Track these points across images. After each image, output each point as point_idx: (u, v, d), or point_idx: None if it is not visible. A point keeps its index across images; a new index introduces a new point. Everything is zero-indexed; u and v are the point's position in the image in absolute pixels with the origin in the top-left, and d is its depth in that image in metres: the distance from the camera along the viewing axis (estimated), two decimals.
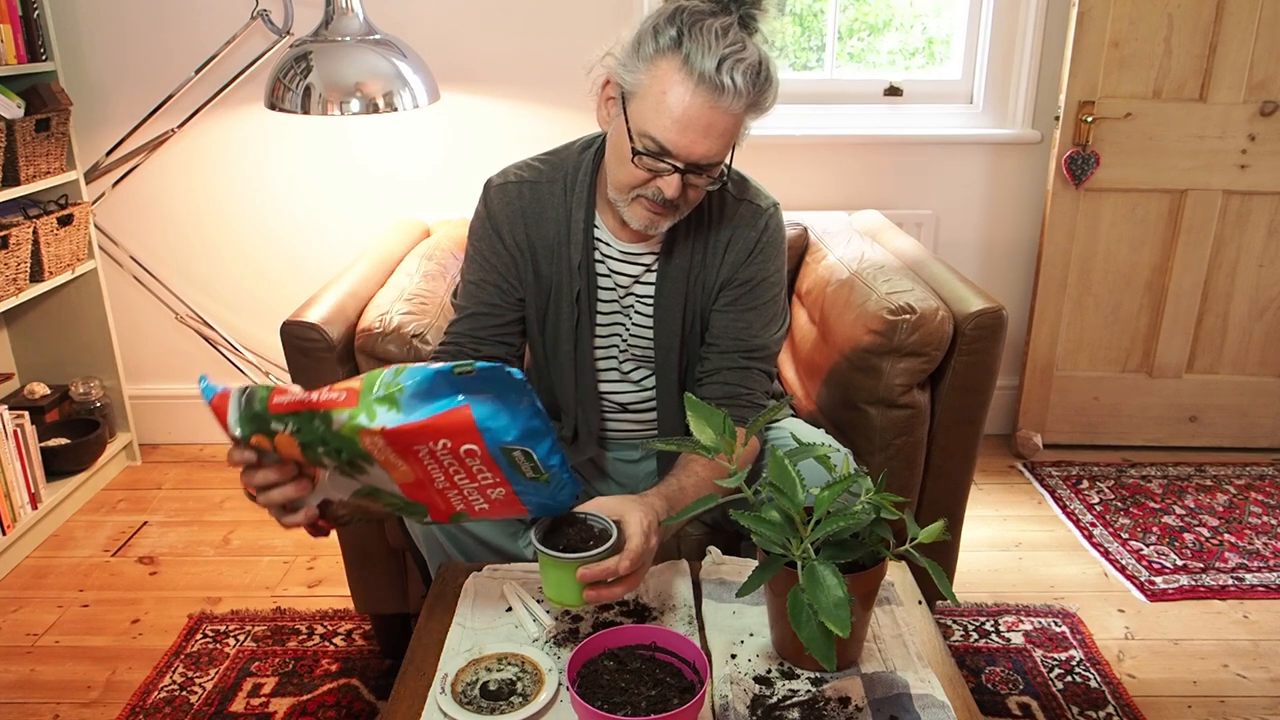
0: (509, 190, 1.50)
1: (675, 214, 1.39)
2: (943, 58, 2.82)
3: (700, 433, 1.14)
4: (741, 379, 1.49)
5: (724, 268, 1.49)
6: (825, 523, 1.06)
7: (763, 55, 1.29)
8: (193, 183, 2.73)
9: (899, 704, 1.09)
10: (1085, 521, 2.46)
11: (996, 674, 1.90)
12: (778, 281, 1.52)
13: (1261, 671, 1.93)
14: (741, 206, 1.49)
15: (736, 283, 1.49)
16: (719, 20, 1.26)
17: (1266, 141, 2.60)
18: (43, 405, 2.60)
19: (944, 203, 2.80)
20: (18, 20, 2.38)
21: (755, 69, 1.27)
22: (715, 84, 1.25)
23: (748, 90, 1.27)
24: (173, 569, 2.31)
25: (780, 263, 1.53)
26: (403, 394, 1.03)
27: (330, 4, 2.25)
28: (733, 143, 1.33)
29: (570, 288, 1.48)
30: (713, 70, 1.24)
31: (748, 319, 1.49)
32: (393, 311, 1.75)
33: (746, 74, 1.26)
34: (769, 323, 1.51)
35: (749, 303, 1.49)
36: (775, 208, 1.52)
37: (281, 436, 1.07)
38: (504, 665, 1.17)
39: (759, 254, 1.49)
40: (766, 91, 1.30)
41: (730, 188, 1.49)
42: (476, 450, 1.06)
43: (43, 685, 1.92)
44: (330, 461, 1.09)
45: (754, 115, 1.33)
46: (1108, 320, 2.79)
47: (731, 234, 1.48)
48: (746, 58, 1.26)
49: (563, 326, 1.50)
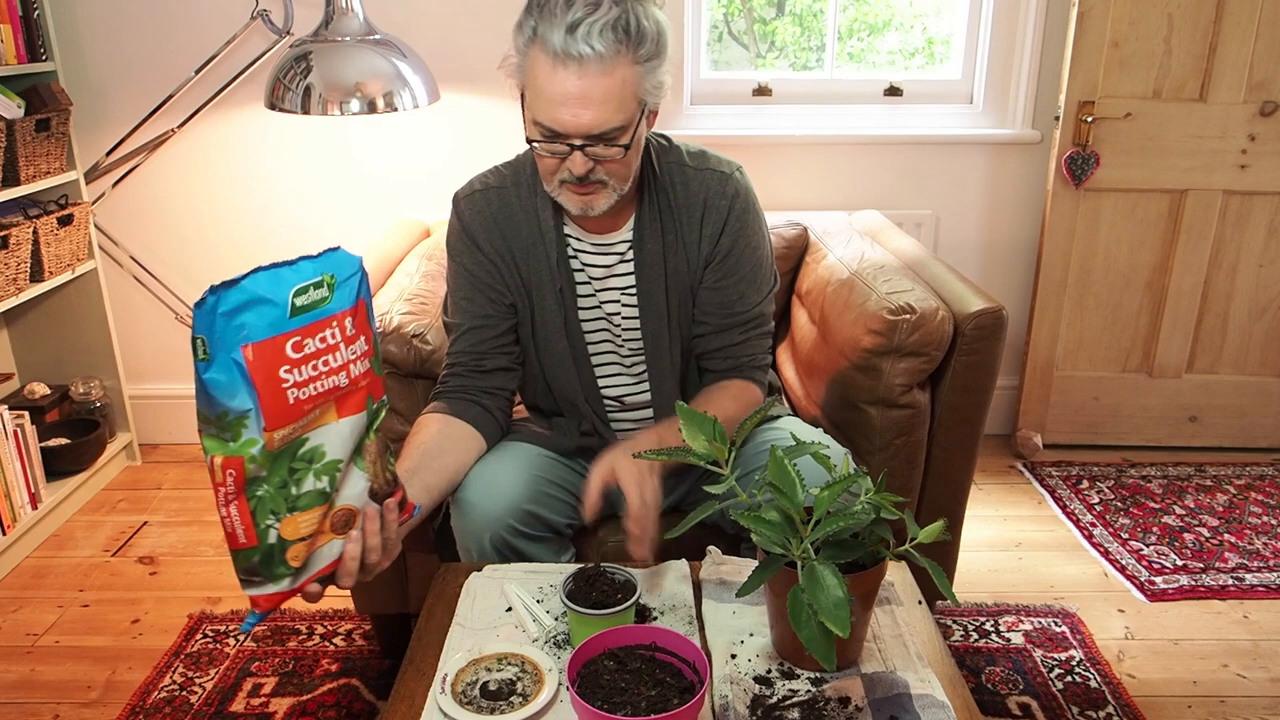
0: (477, 200, 1.51)
1: (606, 190, 1.37)
2: (943, 58, 2.82)
3: (693, 440, 1.14)
4: (742, 348, 1.52)
5: (704, 242, 1.48)
6: (825, 523, 1.06)
7: (627, 9, 1.27)
8: (193, 183, 2.73)
9: (899, 704, 1.09)
10: (1085, 521, 2.46)
11: (996, 674, 1.90)
12: (758, 244, 1.52)
13: (1261, 671, 1.93)
14: (705, 175, 1.49)
15: (720, 255, 1.49)
16: None
17: (1266, 141, 2.60)
18: (43, 405, 2.60)
19: (944, 203, 2.80)
20: (18, 20, 2.38)
21: (615, 24, 1.25)
22: (574, 54, 1.25)
23: (612, 49, 1.26)
24: (173, 569, 2.31)
25: (756, 223, 1.52)
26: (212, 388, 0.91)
27: (330, 4, 2.25)
28: (630, 102, 1.30)
29: (553, 285, 1.49)
30: (565, 42, 1.25)
31: (738, 289, 1.50)
32: (393, 311, 1.75)
33: (604, 33, 1.25)
34: (758, 286, 1.52)
35: (734, 270, 1.50)
36: (739, 170, 1.52)
37: (290, 525, 0.98)
38: (504, 665, 1.17)
39: (734, 220, 1.49)
40: (642, 42, 1.28)
41: (688, 159, 1.50)
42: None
43: (43, 685, 1.92)
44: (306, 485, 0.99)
45: (647, 67, 1.31)
46: (1108, 320, 2.79)
47: (703, 207, 1.48)
48: (600, 17, 1.25)
49: (551, 325, 1.51)
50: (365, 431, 1.04)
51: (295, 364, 0.94)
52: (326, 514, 1.02)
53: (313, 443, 0.98)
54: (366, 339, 1.01)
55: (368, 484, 1.06)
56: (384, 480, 1.07)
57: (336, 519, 1.03)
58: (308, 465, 0.98)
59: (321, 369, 0.96)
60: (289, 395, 0.94)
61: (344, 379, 0.98)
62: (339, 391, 0.98)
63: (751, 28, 2.86)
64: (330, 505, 1.02)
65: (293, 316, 0.93)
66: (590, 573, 1.24)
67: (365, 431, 1.04)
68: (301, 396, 0.94)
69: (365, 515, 1.06)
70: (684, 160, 1.50)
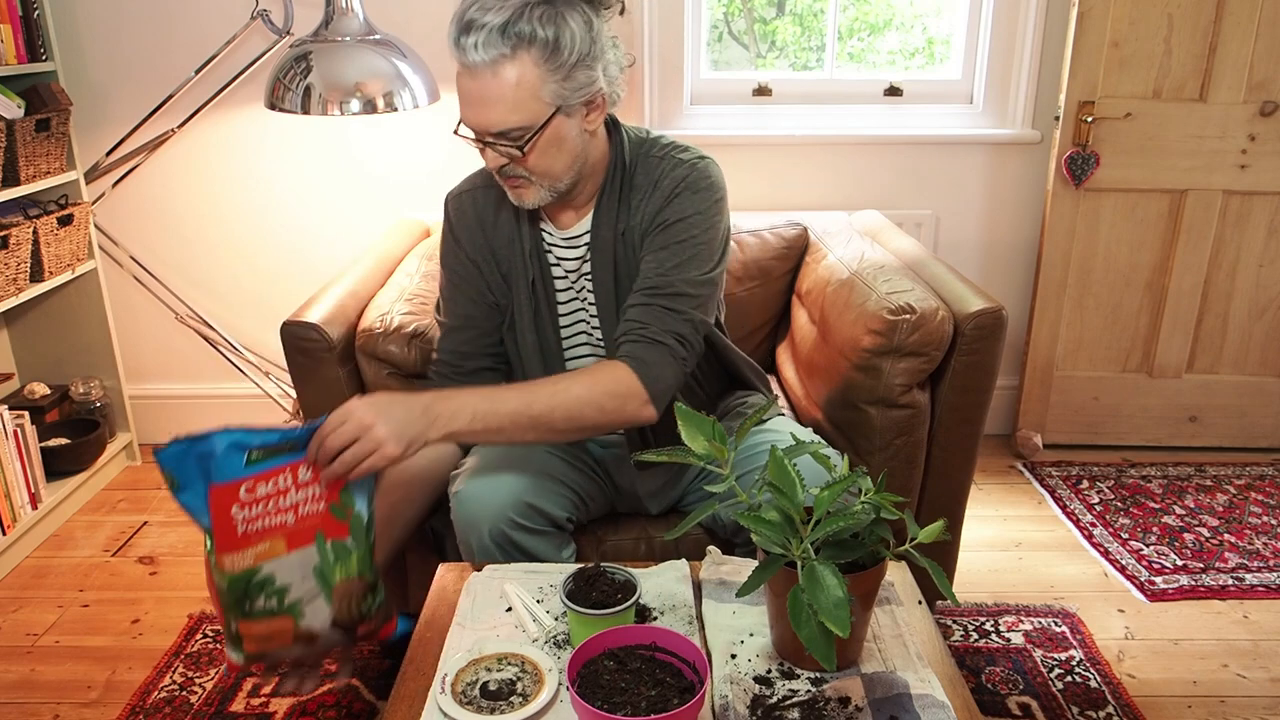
0: (463, 200, 1.56)
1: (530, 185, 1.40)
2: (943, 58, 2.82)
3: (692, 441, 1.14)
4: (640, 314, 1.41)
5: (644, 218, 1.47)
6: (825, 523, 1.06)
7: (525, 14, 1.27)
8: (193, 183, 2.73)
9: (899, 704, 1.09)
10: (1085, 521, 2.46)
11: (996, 674, 1.90)
12: (700, 225, 1.44)
13: (1261, 671, 1.93)
14: (665, 162, 1.48)
15: (659, 225, 1.46)
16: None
17: (1266, 141, 2.60)
18: (43, 405, 2.60)
19: (944, 203, 2.80)
20: (18, 20, 2.38)
21: (504, 28, 1.27)
22: (469, 60, 1.29)
23: (496, 54, 1.28)
24: (173, 569, 2.31)
25: (707, 209, 1.45)
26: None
27: (330, 4, 2.25)
28: (530, 103, 1.31)
29: (525, 279, 1.51)
30: (460, 44, 1.29)
31: (659, 257, 1.44)
32: (393, 311, 1.75)
33: (490, 37, 1.27)
34: (683, 263, 1.43)
35: (662, 241, 1.44)
36: (705, 160, 1.48)
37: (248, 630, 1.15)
38: (504, 665, 1.17)
39: (676, 196, 1.45)
40: (540, 45, 1.29)
41: (656, 150, 1.50)
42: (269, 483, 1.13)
43: (43, 685, 1.92)
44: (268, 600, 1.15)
45: (551, 69, 1.31)
46: (1108, 320, 2.79)
47: (653, 188, 1.47)
48: (490, 21, 1.27)
49: (524, 318, 1.53)
50: (326, 562, 1.17)
51: (246, 504, 1.11)
52: (293, 627, 1.16)
53: (264, 573, 1.13)
54: (329, 489, 1.17)
55: (331, 614, 1.19)
56: (351, 616, 1.20)
57: (299, 634, 1.18)
58: (259, 589, 1.14)
59: (270, 509, 1.12)
60: (238, 529, 1.11)
61: (291, 518, 1.14)
62: (286, 529, 1.14)
63: (751, 28, 2.86)
64: (295, 619, 1.16)
65: (248, 465, 1.10)
66: (590, 573, 1.24)
67: (326, 562, 1.17)
68: (250, 530, 1.11)
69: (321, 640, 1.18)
70: (652, 150, 1.50)
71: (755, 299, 2.22)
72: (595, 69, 1.35)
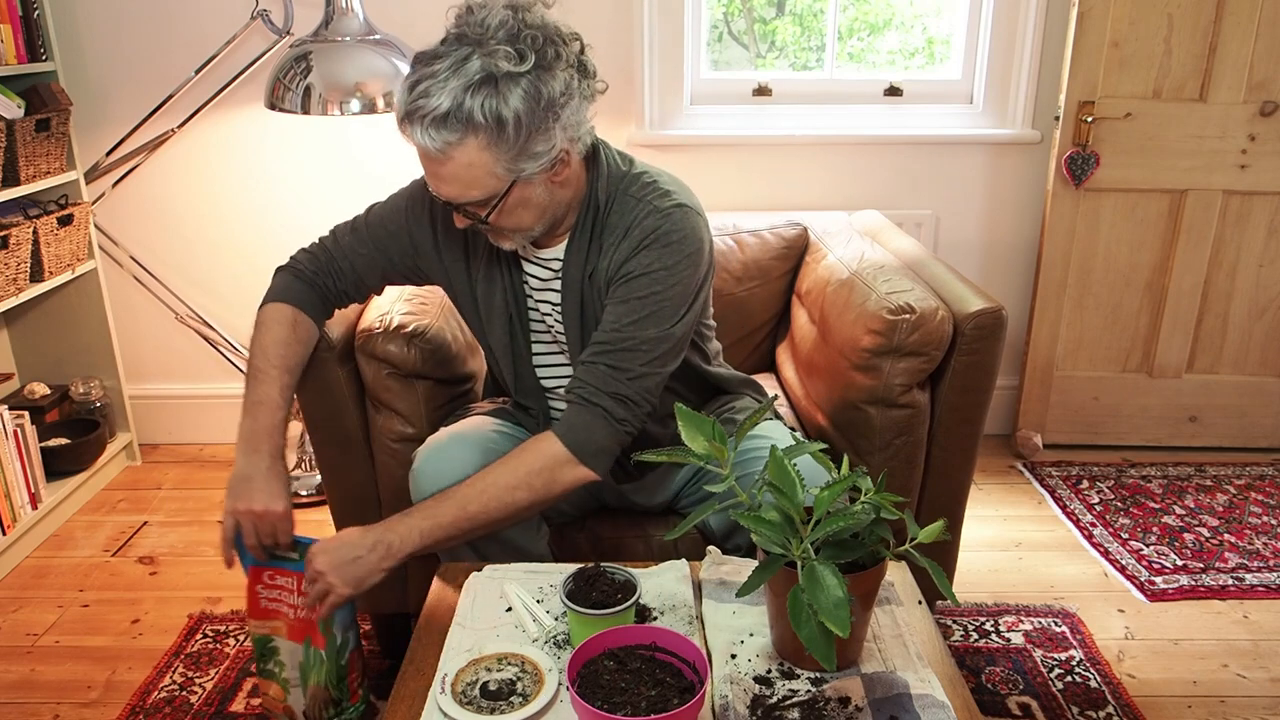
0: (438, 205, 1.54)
1: (506, 236, 1.42)
2: (943, 58, 2.82)
3: (692, 441, 1.14)
4: (584, 373, 1.39)
5: (613, 264, 1.43)
6: (825, 523, 1.06)
7: (465, 95, 1.24)
8: (193, 183, 2.73)
9: (899, 704, 1.09)
10: (1085, 521, 2.46)
11: (996, 674, 1.90)
12: (665, 280, 1.39)
13: (1261, 671, 1.93)
14: (641, 206, 1.42)
15: (621, 277, 1.41)
16: (427, 64, 1.28)
17: (1266, 141, 2.60)
18: (43, 405, 2.60)
19: (944, 203, 2.80)
20: (18, 20, 2.38)
21: (446, 117, 1.25)
22: (417, 143, 1.30)
23: (442, 140, 1.26)
24: (173, 569, 2.31)
25: (675, 264, 1.39)
26: None
27: (330, 4, 2.25)
28: (485, 180, 1.31)
29: (503, 281, 1.52)
30: (402, 129, 1.30)
31: (618, 311, 1.39)
32: (393, 311, 1.75)
33: (431, 126, 1.26)
34: (641, 320, 1.38)
35: (624, 294, 1.39)
36: (681, 210, 1.41)
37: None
38: (504, 665, 1.17)
39: (644, 248, 1.39)
40: (484, 129, 1.26)
41: (635, 188, 1.44)
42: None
43: (43, 685, 1.92)
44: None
45: (500, 148, 1.28)
46: (1108, 320, 2.79)
47: (624, 233, 1.42)
48: (429, 110, 1.25)
49: (496, 316, 1.54)
50: (307, 663, 1.44)
51: (267, 585, 1.45)
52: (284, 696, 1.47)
53: (273, 643, 1.46)
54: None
55: (304, 707, 1.47)
56: (316, 716, 1.48)
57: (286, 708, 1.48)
58: (271, 654, 1.47)
59: (277, 599, 1.44)
60: (260, 602, 1.45)
61: (292, 614, 1.43)
62: (288, 620, 1.44)
63: (751, 28, 2.86)
64: (285, 691, 1.47)
65: (271, 559, 1.43)
66: (590, 573, 1.24)
67: (307, 663, 1.44)
68: (267, 607, 1.45)
69: None
70: (631, 188, 1.44)
71: (755, 299, 2.22)
72: (552, 133, 1.29)
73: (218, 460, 2.85)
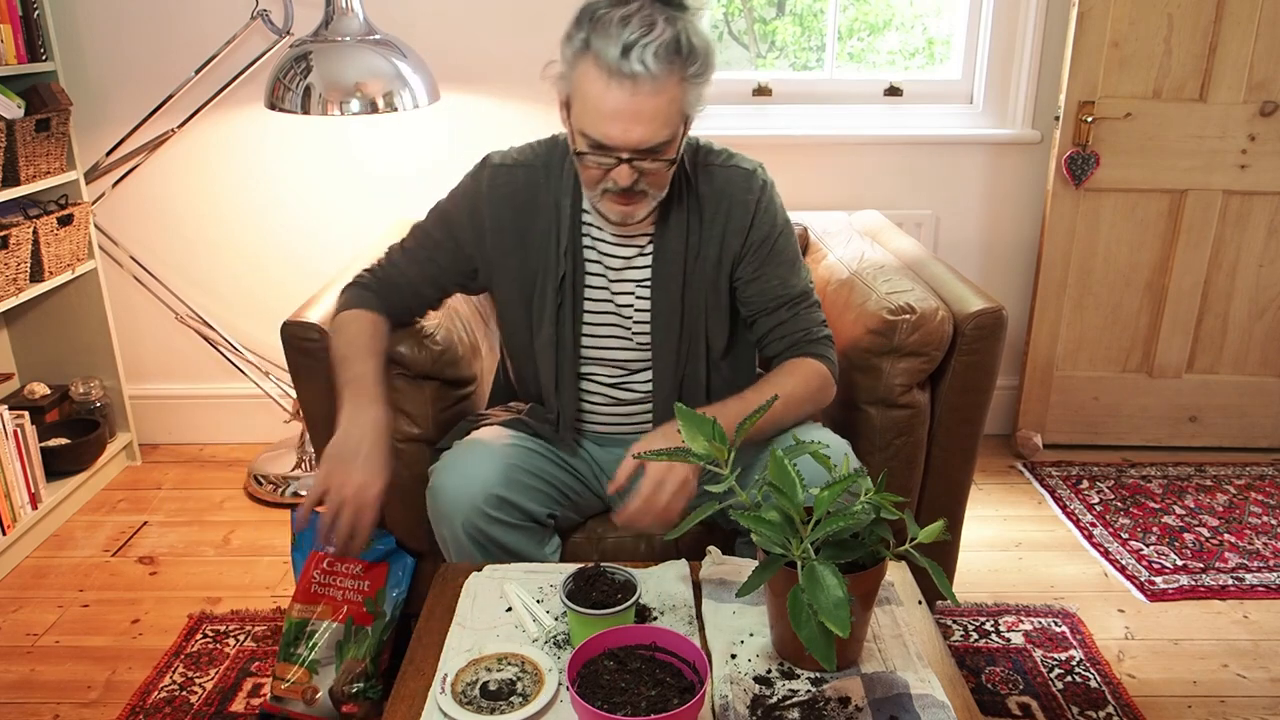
0: (502, 174, 1.54)
1: (646, 199, 1.40)
2: (943, 58, 2.82)
3: (692, 441, 1.14)
4: (795, 324, 1.54)
5: (730, 237, 1.50)
6: (825, 523, 1.06)
7: (680, 29, 1.30)
8: (193, 183, 2.73)
9: (899, 704, 1.09)
10: (1085, 521, 2.46)
11: (996, 674, 1.90)
12: (789, 232, 1.56)
13: (1261, 671, 1.93)
14: (730, 172, 1.51)
15: (752, 248, 1.51)
16: (622, 9, 1.29)
17: (1266, 141, 2.60)
18: (43, 405, 2.60)
19: (944, 203, 2.80)
20: (18, 20, 2.37)
21: (669, 46, 1.28)
22: (628, 73, 1.27)
23: (664, 69, 1.28)
24: (173, 569, 2.31)
25: (784, 214, 1.57)
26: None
27: (330, 4, 2.25)
28: (676, 118, 1.34)
29: (555, 273, 1.50)
30: (619, 61, 1.27)
31: (779, 274, 1.53)
32: None
33: (658, 54, 1.27)
34: (796, 269, 1.56)
35: (773, 259, 1.53)
36: (760, 167, 1.56)
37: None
38: (504, 665, 1.17)
39: (762, 214, 1.51)
40: (692, 62, 1.32)
41: (713, 157, 1.52)
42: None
43: (43, 685, 1.92)
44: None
45: (694, 83, 1.34)
46: (1108, 320, 2.79)
47: (729, 204, 1.50)
48: (655, 38, 1.27)
49: (546, 311, 1.52)
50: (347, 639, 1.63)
51: (325, 571, 1.66)
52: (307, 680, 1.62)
53: (310, 626, 1.64)
54: (371, 585, 1.67)
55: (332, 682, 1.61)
56: (344, 692, 1.62)
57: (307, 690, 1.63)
58: (305, 638, 1.64)
59: (332, 582, 1.64)
60: (312, 586, 1.66)
61: (339, 596, 1.64)
62: (334, 603, 1.64)
63: (751, 28, 2.86)
64: (310, 674, 1.62)
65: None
66: (590, 573, 1.24)
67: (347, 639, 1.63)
68: (316, 591, 1.66)
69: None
70: (709, 158, 1.53)
71: None
72: (710, 82, 1.38)
73: (218, 460, 2.85)
